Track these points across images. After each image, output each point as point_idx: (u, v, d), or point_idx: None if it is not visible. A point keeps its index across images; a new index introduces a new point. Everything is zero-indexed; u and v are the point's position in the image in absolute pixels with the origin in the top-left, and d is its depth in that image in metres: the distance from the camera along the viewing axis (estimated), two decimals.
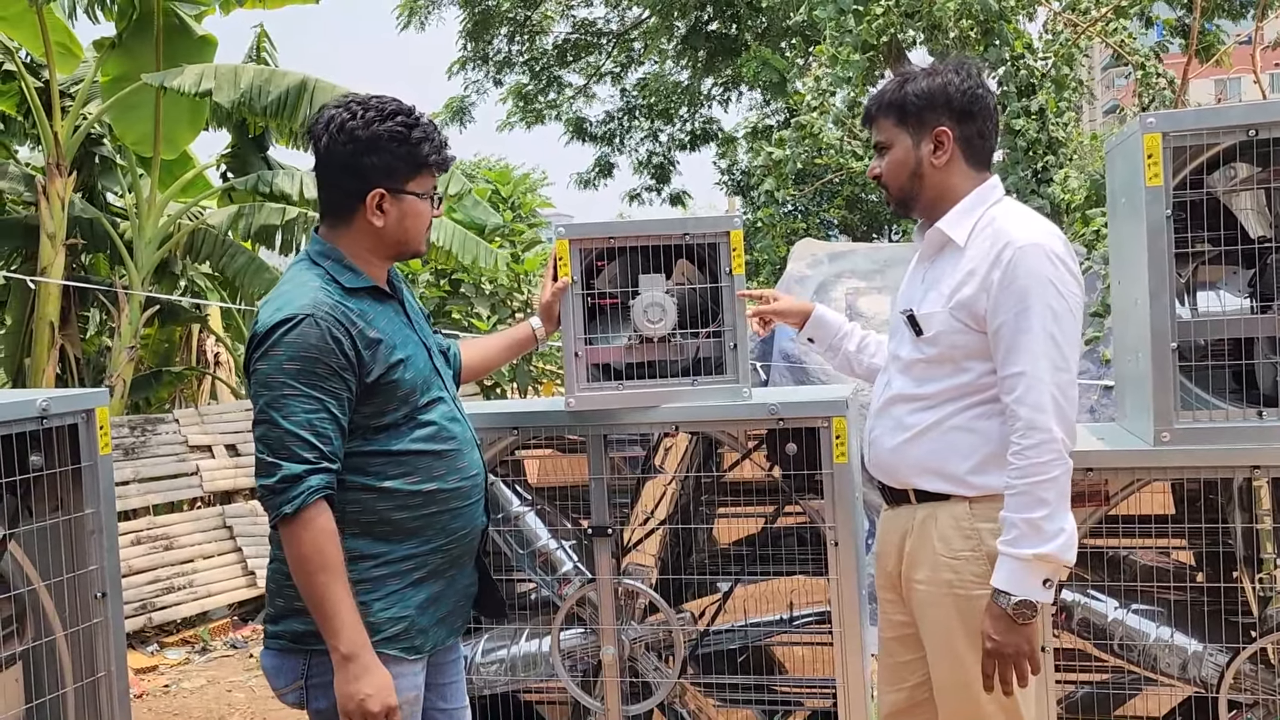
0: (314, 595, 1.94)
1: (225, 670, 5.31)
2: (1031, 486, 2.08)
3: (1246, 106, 2.47)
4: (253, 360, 2.01)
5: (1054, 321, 2.11)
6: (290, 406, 1.94)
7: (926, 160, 2.28)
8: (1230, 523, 2.59)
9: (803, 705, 3.10)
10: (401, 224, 2.11)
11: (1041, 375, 2.09)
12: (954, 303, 2.20)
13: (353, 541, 2.02)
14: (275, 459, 1.93)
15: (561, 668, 2.95)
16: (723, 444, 2.97)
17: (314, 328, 1.96)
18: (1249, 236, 2.52)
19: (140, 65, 6.51)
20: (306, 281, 2.05)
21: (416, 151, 2.08)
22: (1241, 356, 2.48)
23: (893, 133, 2.30)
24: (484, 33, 17.04)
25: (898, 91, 2.29)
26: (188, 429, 6.61)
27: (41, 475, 2.44)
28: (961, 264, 2.21)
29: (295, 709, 2.13)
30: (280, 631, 2.08)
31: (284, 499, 1.92)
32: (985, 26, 6.98)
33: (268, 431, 1.95)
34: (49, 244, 6.42)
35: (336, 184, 2.11)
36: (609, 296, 2.89)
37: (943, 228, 2.27)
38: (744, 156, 14.61)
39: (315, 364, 1.95)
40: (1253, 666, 2.49)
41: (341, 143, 2.06)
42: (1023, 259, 2.13)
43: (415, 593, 2.09)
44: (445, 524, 2.12)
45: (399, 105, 2.12)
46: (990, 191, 2.29)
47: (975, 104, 2.28)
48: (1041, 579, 2.09)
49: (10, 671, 2.52)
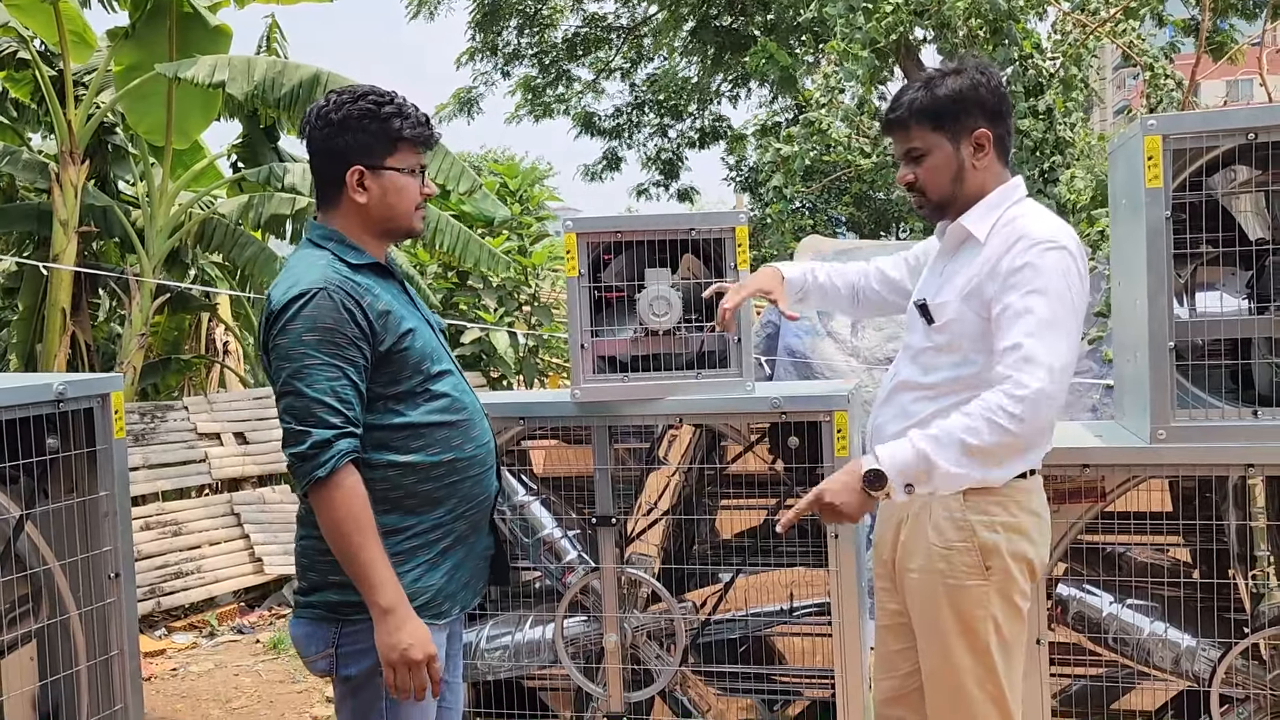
0: (350, 555, 2.00)
1: (232, 655, 5.36)
2: (986, 424, 2.08)
3: (1247, 110, 2.50)
4: (271, 337, 2.07)
5: (1059, 307, 2.12)
6: (313, 375, 2.01)
7: (969, 163, 2.27)
8: (1225, 520, 2.63)
9: (802, 695, 3.15)
10: (385, 200, 2.17)
11: (1037, 351, 2.09)
12: (966, 292, 2.23)
13: (384, 518, 2.08)
14: (304, 426, 2.00)
15: (565, 654, 3.00)
16: (726, 437, 3.02)
17: (328, 300, 2.03)
18: (1247, 238, 2.55)
19: (154, 55, 6.55)
20: (315, 261, 2.12)
21: (388, 126, 2.15)
22: (1238, 356, 2.52)
23: (930, 139, 2.27)
24: (493, 24, 17.07)
25: (928, 96, 2.27)
26: (197, 416, 6.66)
27: (58, 458, 2.50)
28: (978, 258, 2.24)
29: (322, 676, 2.20)
30: (314, 602, 2.13)
31: (316, 464, 1.98)
32: (994, 26, 7.00)
33: (293, 402, 2.01)
34: (62, 231, 6.48)
35: (320, 168, 2.20)
36: (615, 290, 2.93)
37: (965, 224, 2.28)
38: (752, 154, 14.63)
39: (333, 334, 2.03)
40: (1245, 662, 2.53)
41: (319, 128, 2.16)
42: (1036, 252, 2.15)
43: (443, 560, 2.16)
44: (467, 491, 2.19)
45: (373, 88, 2.20)
46: (1013, 190, 2.30)
47: (1004, 103, 2.30)
48: (909, 479, 2.11)
49: (25, 649, 2.57)
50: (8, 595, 2.48)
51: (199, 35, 6.69)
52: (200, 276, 8.31)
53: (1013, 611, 2.23)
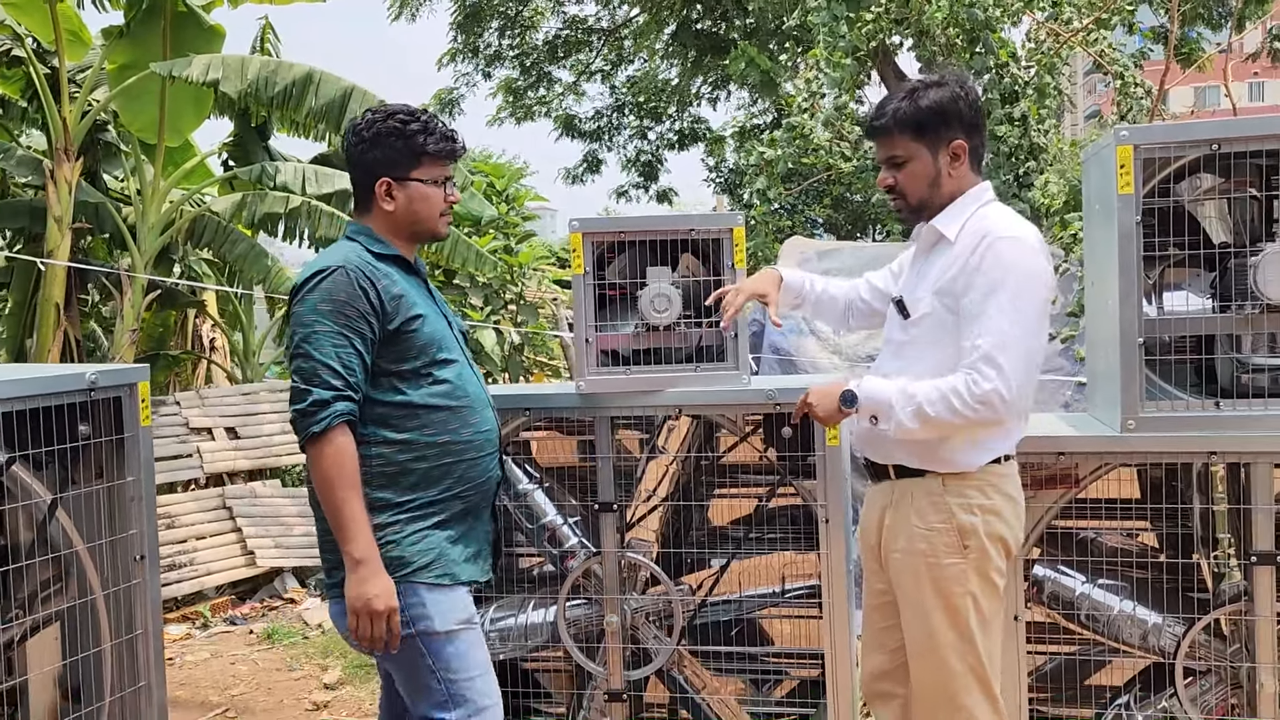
0: (334, 508, 2.21)
1: (227, 645, 5.45)
2: (942, 400, 2.29)
3: (1211, 122, 2.68)
4: (291, 306, 2.32)
5: (1019, 301, 2.29)
6: (321, 341, 2.23)
7: (945, 171, 2.44)
8: (1190, 505, 2.81)
9: (790, 675, 3.30)
10: (410, 207, 2.41)
11: (1005, 338, 2.26)
12: (938, 288, 2.40)
13: (380, 492, 2.29)
14: (307, 386, 2.22)
15: (567, 635, 3.13)
16: (722, 427, 3.17)
17: (344, 276, 2.27)
18: (1212, 242, 2.73)
19: (148, 54, 6.62)
20: (342, 246, 2.38)
21: (414, 142, 2.38)
22: (1202, 352, 2.70)
23: (911, 147, 2.44)
24: (474, 25, 17.14)
25: (911, 106, 2.42)
26: (189, 411, 6.74)
27: (89, 444, 2.61)
28: (950, 256, 2.41)
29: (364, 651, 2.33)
30: (340, 581, 2.29)
31: (313, 420, 2.20)
32: (971, 35, 7.19)
33: (302, 364, 2.24)
34: (55, 227, 6.53)
35: (355, 178, 2.46)
36: (618, 287, 3.08)
37: (937, 225, 2.46)
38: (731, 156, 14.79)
39: (345, 306, 2.25)
40: (1207, 637, 2.71)
41: (353, 143, 2.42)
42: (999, 247, 2.32)
43: (441, 531, 2.34)
44: (463, 473, 2.37)
45: (404, 107, 2.46)
46: (982, 193, 2.48)
47: (979, 116, 2.47)
48: (873, 412, 2.39)
49: (49, 630, 2.67)
50: (39, 576, 2.58)
51: (193, 34, 6.76)
52: (188, 273, 8.37)
53: (990, 588, 2.40)
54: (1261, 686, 2.62)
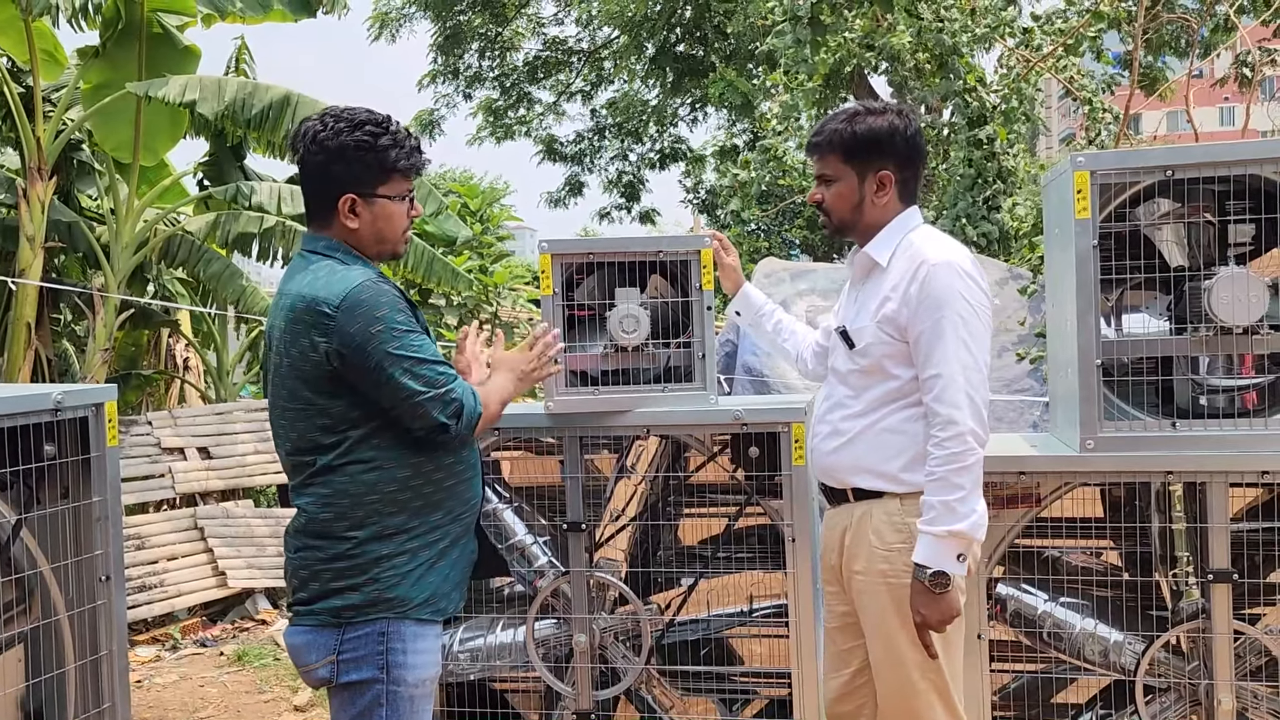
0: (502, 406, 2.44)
1: (196, 667, 5.41)
2: (948, 473, 2.32)
3: (1165, 149, 2.74)
4: (345, 329, 2.14)
5: (964, 327, 2.35)
6: (412, 342, 2.19)
7: (869, 198, 2.51)
8: (1149, 524, 2.85)
9: (759, 695, 3.31)
10: (375, 225, 2.28)
11: (955, 376, 2.34)
12: (880, 317, 2.45)
13: (391, 519, 2.22)
14: (446, 385, 2.22)
15: (535, 655, 3.14)
16: (690, 447, 3.19)
17: (386, 284, 2.22)
18: (1168, 266, 2.79)
19: (123, 74, 6.63)
20: (335, 267, 2.23)
21: (384, 158, 2.23)
22: (1160, 373, 2.75)
23: (839, 169, 2.52)
24: (455, 47, 17.22)
25: (847, 130, 2.49)
26: (160, 431, 6.71)
27: (55, 464, 2.60)
28: (885, 283, 2.47)
29: (319, 686, 2.26)
30: (317, 609, 2.21)
31: (474, 406, 2.27)
32: (940, 60, 7.31)
33: (414, 368, 2.18)
34: (28, 246, 6.51)
35: (313, 191, 2.29)
36: (587, 308, 3.10)
37: (869, 252, 2.53)
38: (710, 175, 14.91)
39: (406, 310, 2.23)
40: (1166, 654, 2.74)
41: (313, 153, 2.23)
42: (936, 274, 2.38)
43: (440, 561, 2.29)
44: (461, 493, 2.34)
45: (370, 116, 2.28)
46: (910, 219, 2.54)
47: (915, 150, 2.53)
48: (955, 554, 2.33)
49: (12, 652, 2.66)
50: (2, 597, 2.57)
51: (168, 55, 6.78)
52: (161, 292, 8.34)
53: None
54: (1219, 703, 2.65)
